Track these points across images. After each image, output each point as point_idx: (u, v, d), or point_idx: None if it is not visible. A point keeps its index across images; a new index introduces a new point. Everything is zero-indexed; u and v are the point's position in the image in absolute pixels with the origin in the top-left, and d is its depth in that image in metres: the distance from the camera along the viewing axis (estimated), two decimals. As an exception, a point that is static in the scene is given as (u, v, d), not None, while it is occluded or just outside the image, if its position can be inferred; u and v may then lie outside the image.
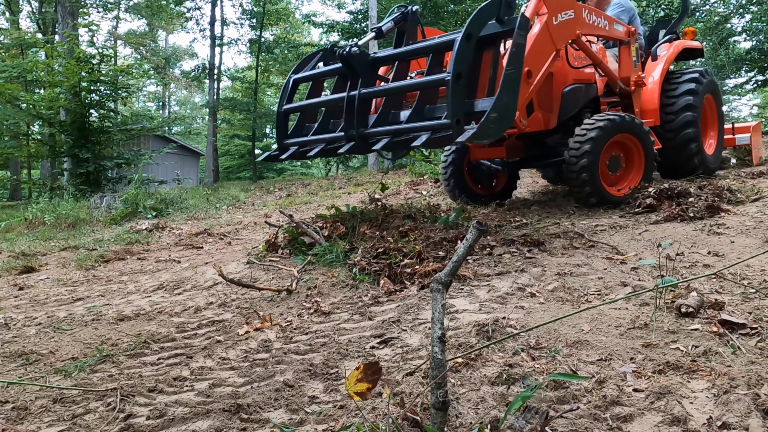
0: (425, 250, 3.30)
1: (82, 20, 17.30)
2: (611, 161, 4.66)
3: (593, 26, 4.63)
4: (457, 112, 3.40)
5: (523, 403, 1.43)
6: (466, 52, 3.49)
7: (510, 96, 3.55)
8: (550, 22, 4.13)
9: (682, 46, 5.99)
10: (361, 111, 3.91)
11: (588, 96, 5.19)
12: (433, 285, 1.54)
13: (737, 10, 18.04)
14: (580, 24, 4.44)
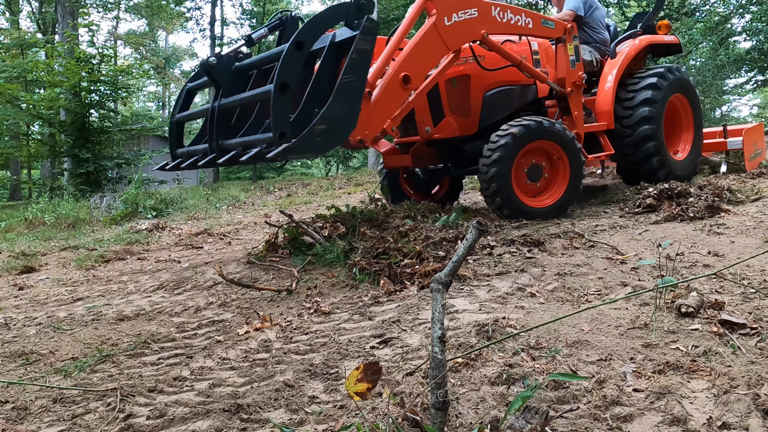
0: (425, 250, 3.30)
1: (82, 20, 17.29)
2: (531, 170, 4.38)
3: (508, 25, 4.36)
4: (281, 125, 3.21)
5: (523, 403, 1.43)
6: (293, 62, 3.31)
7: (347, 106, 3.35)
8: (440, 23, 3.94)
9: (647, 42, 5.55)
10: (220, 122, 3.78)
11: (524, 98, 4.90)
12: (433, 285, 1.54)
13: (737, 10, 18.05)
14: (487, 23, 4.20)
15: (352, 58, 3.36)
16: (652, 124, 5.05)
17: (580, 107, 4.89)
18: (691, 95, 5.61)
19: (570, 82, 4.79)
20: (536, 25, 4.55)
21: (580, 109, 4.90)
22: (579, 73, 4.83)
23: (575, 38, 4.82)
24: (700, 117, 5.72)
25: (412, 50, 3.86)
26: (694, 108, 5.66)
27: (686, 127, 5.68)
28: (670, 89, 5.30)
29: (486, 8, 4.22)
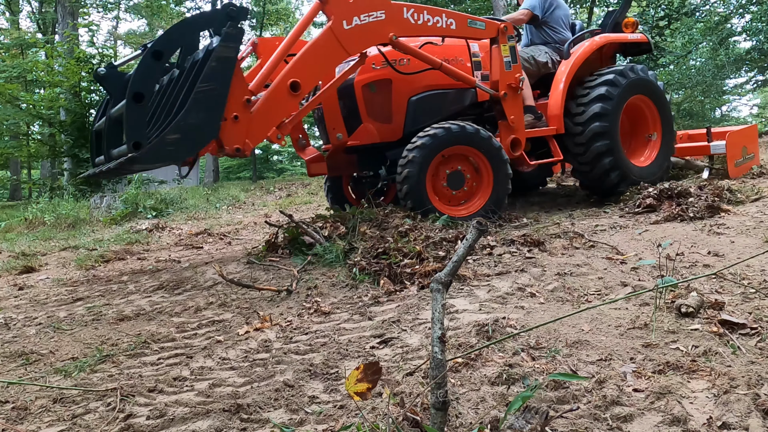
0: (425, 250, 3.30)
1: (82, 20, 17.30)
2: (452, 176, 4.24)
3: (425, 26, 4.17)
4: (135, 135, 3.16)
5: (523, 403, 1.43)
6: (149, 72, 3.27)
7: (204, 114, 3.30)
8: (337, 27, 3.83)
9: (604, 41, 5.24)
10: (110, 131, 3.73)
11: (461, 103, 4.69)
12: (433, 285, 1.54)
13: (737, 10, 18.05)
14: (397, 25, 4.03)
15: (210, 66, 3.31)
16: (604, 122, 4.80)
17: (517, 111, 4.62)
18: (657, 98, 5.28)
19: (504, 84, 4.53)
20: (461, 26, 4.34)
21: (519, 113, 4.64)
22: (516, 75, 4.57)
23: (511, 38, 4.56)
24: (669, 121, 5.36)
25: (303, 56, 3.78)
26: (662, 111, 5.31)
27: (658, 136, 5.37)
28: (630, 89, 5.01)
29: (396, 10, 4.05)
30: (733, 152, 5.62)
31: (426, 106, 4.55)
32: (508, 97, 4.55)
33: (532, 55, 5.18)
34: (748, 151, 5.80)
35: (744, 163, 5.72)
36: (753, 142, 5.96)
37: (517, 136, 4.62)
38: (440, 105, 4.60)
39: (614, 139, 4.84)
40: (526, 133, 4.73)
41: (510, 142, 4.59)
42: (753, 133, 6.07)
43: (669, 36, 16.20)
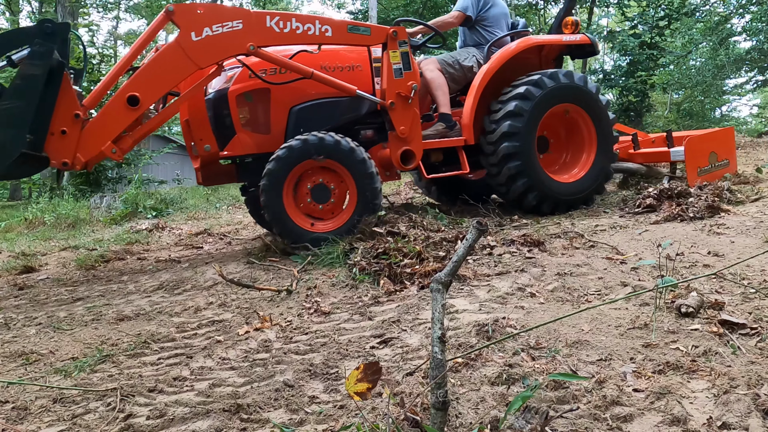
0: (425, 250, 3.30)
1: (82, 20, 17.30)
2: (316, 189, 4.03)
3: (293, 35, 3.99)
4: None
5: (523, 403, 1.43)
6: None
7: (6, 131, 3.34)
8: (184, 39, 3.74)
9: (528, 44, 4.82)
10: None
11: (356, 111, 4.43)
12: (433, 285, 1.54)
13: (737, 10, 18.05)
14: (259, 35, 3.89)
15: (14, 83, 3.34)
16: (515, 141, 4.46)
17: (408, 121, 4.30)
18: (590, 106, 4.79)
19: (392, 93, 4.23)
20: (339, 33, 4.10)
21: (411, 123, 4.32)
22: (408, 83, 4.24)
23: (403, 44, 4.26)
24: (607, 130, 4.87)
25: (145, 69, 3.74)
26: (597, 121, 4.82)
27: (588, 144, 4.89)
28: (550, 100, 4.61)
29: (256, 19, 3.90)
30: (695, 159, 5.08)
31: (311, 115, 4.33)
32: (396, 106, 4.26)
33: (458, 59, 4.90)
34: (718, 157, 5.21)
35: (713, 171, 5.11)
36: (726, 147, 5.33)
37: (411, 147, 4.33)
38: (330, 114, 4.36)
39: (528, 158, 4.51)
40: (427, 144, 4.51)
41: (401, 155, 4.32)
42: (726, 137, 5.45)
43: (669, 36, 16.20)
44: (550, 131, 4.95)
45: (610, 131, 4.92)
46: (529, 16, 20.66)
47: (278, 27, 3.95)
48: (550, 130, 4.95)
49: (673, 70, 20.42)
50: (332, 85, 4.18)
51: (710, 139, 5.38)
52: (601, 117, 4.84)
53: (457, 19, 4.95)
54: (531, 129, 4.56)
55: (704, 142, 5.27)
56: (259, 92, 4.28)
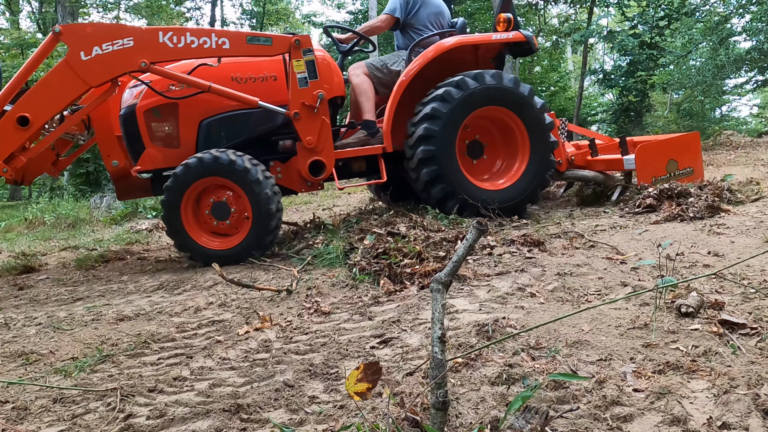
0: (425, 250, 3.30)
1: (82, 20, 17.29)
2: (217, 207, 4.02)
3: (188, 49, 4.00)
4: None
5: (523, 403, 1.43)
6: None
7: None
8: (73, 58, 3.80)
9: (445, 47, 4.52)
10: None
11: (271, 122, 4.37)
12: (433, 285, 1.54)
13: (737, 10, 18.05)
14: (151, 51, 3.93)
15: None
16: (431, 145, 4.31)
17: (315, 131, 4.23)
18: (521, 109, 4.55)
19: (297, 103, 4.16)
20: (237, 45, 4.07)
21: (318, 133, 4.24)
22: (314, 92, 4.16)
23: (308, 52, 4.17)
24: (542, 135, 4.60)
25: (34, 89, 3.81)
26: (529, 125, 4.57)
27: (521, 149, 4.65)
28: (472, 103, 4.41)
29: (148, 35, 3.93)
30: (648, 167, 4.79)
31: (221, 128, 4.33)
32: (301, 116, 4.19)
33: (386, 63, 4.78)
34: (679, 165, 4.86)
35: (671, 180, 4.76)
36: (688, 154, 4.94)
37: (320, 157, 4.29)
38: (241, 126, 4.35)
39: (445, 164, 4.34)
40: (341, 153, 4.47)
41: (309, 165, 4.28)
42: (688, 143, 5.05)
43: (669, 36, 16.20)
44: (484, 135, 4.74)
45: (546, 136, 4.63)
46: (528, 16, 20.67)
47: (172, 42, 3.97)
48: (485, 135, 4.74)
49: (673, 70, 20.42)
50: (231, 97, 4.16)
51: (668, 145, 5.04)
52: (534, 121, 4.58)
53: (384, 22, 4.82)
54: (450, 132, 4.36)
55: (660, 149, 4.96)
56: (167, 107, 4.31)
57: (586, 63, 15.46)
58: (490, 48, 4.93)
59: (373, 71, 4.74)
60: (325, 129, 4.28)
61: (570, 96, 21.63)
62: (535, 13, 19.72)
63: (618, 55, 16.88)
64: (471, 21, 18.19)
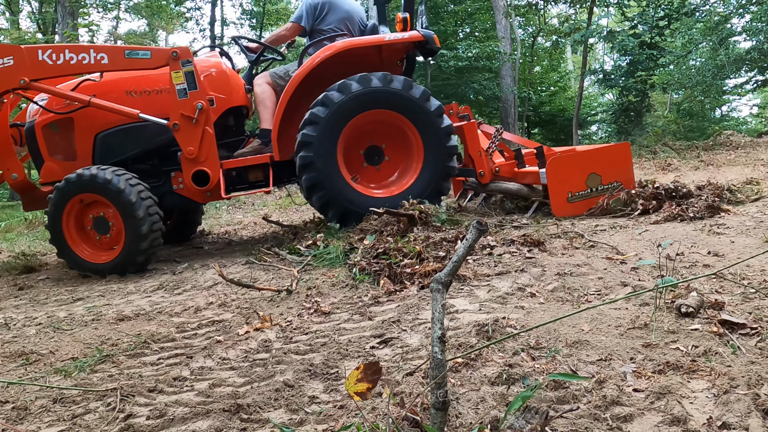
0: (425, 250, 3.30)
1: (82, 20, 17.28)
2: (98, 221, 4.15)
3: (67, 65, 4.11)
4: None
5: (523, 403, 1.43)
6: None
7: None
8: None
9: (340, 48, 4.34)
10: None
11: (166, 134, 4.36)
12: (433, 285, 1.54)
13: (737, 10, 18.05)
14: (31, 69, 4.07)
15: None
16: (309, 152, 4.17)
17: (196, 141, 4.25)
18: (412, 112, 4.30)
19: (176, 114, 4.20)
20: (116, 59, 4.17)
21: (199, 143, 4.26)
22: (194, 103, 4.18)
23: (187, 63, 4.19)
24: (437, 139, 4.35)
25: None
26: (422, 128, 4.33)
27: (416, 155, 4.41)
28: (357, 106, 4.23)
29: (28, 54, 4.06)
30: (562, 182, 4.39)
31: (116, 141, 4.44)
32: (180, 127, 4.22)
33: (288, 71, 4.67)
34: (603, 179, 4.42)
35: (593, 196, 4.40)
36: (616, 167, 4.47)
37: (204, 168, 4.31)
38: (137, 139, 4.45)
39: (323, 170, 4.19)
40: (229, 163, 4.47)
41: (193, 175, 4.32)
42: (615, 155, 4.56)
43: (669, 36, 16.19)
44: (383, 140, 4.53)
45: (442, 140, 4.36)
46: (528, 16, 20.67)
47: (51, 59, 4.09)
48: (385, 139, 4.53)
49: (673, 70, 20.41)
50: (110, 110, 4.26)
51: (587, 157, 4.56)
52: (427, 125, 4.34)
53: (289, 30, 4.78)
54: (329, 138, 4.20)
55: (576, 162, 4.51)
56: (64, 122, 4.47)
57: (586, 63, 15.46)
58: (393, 50, 4.73)
59: (276, 80, 4.66)
60: (207, 139, 4.30)
61: (570, 96, 21.63)
62: (535, 13, 19.72)
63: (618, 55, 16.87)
64: (471, 21, 18.17)
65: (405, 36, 4.49)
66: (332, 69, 4.46)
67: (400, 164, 4.56)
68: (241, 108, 4.76)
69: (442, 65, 16.46)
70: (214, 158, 4.34)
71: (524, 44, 19.31)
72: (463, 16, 18.14)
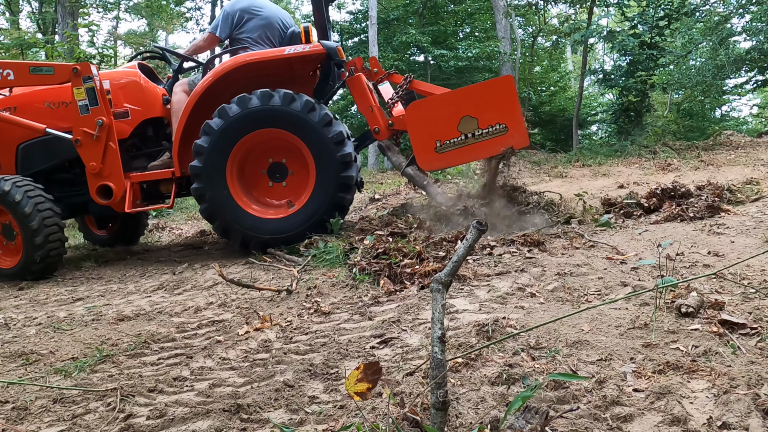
0: (425, 250, 3.30)
1: (82, 20, 17.26)
2: (5, 229, 4.24)
3: None
4: None
5: (523, 403, 1.43)
6: None
7: None
8: None
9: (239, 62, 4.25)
10: None
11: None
12: (433, 285, 1.54)
13: (737, 10, 18.05)
14: None
15: None
16: (200, 183, 4.15)
17: (98, 156, 4.32)
18: (297, 126, 4.11)
19: (78, 130, 4.29)
20: (21, 75, 4.32)
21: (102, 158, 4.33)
22: (94, 119, 4.25)
23: (88, 80, 4.23)
24: (327, 150, 4.11)
25: None
26: (309, 142, 4.13)
27: (310, 170, 4.21)
28: (237, 130, 4.12)
29: None
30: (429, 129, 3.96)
31: (37, 151, 4.54)
32: (82, 143, 4.31)
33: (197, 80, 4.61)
34: (480, 122, 3.90)
35: (469, 143, 3.94)
36: (497, 107, 3.90)
37: (108, 182, 4.39)
38: (56, 149, 4.52)
39: (214, 200, 4.16)
40: (135, 177, 4.49)
41: (96, 190, 4.42)
42: (491, 93, 3.98)
43: (669, 36, 16.19)
44: (285, 156, 4.37)
45: (334, 150, 4.10)
46: (528, 16, 20.67)
47: None
48: (286, 155, 4.37)
49: (673, 70, 20.41)
50: (17, 124, 4.40)
51: (458, 97, 3.96)
52: (314, 138, 4.12)
53: (206, 41, 4.74)
54: (218, 167, 4.14)
55: (443, 104, 3.97)
56: None
57: (586, 63, 15.46)
58: (304, 61, 4.55)
59: (193, 88, 4.53)
60: (110, 154, 4.37)
61: (570, 96, 21.62)
62: (535, 13, 19.72)
63: (618, 55, 16.85)
64: (471, 21, 18.18)
65: (306, 49, 4.33)
66: (240, 81, 4.42)
67: (300, 183, 4.38)
68: (161, 119, 4.74)
69: (442, 65, 16.46)
70: (118, 173, 4.41)
71: (524, 44, 19.30)
72: (463, 16, 18.14)
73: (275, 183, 4.41)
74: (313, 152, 4.15)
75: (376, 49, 14.45)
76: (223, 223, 4.24)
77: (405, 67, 16.51)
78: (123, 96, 4.55)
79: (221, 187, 4.17)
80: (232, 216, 4.18)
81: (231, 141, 4.14)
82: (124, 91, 4.57)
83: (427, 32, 16.45)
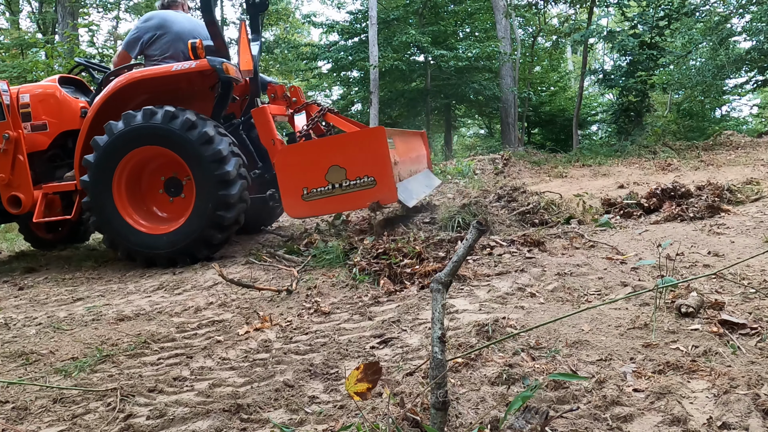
0: (425, 250, 3.30)
1: (82, 20, 17.28)
2: None
3: None
4: None
5: (523, 403, 1.43)
6: None
7: None
8: None
9: (115, 87, 4.32)
10: None
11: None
12: (433, 285, 1.54)
13: (737, 10, 18.05)
14: None
15: None
16: (86, 197, 4.26)
17: (6, 168, 4.49)
18: (177, 145, 4.07)
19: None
20: None
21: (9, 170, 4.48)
22: (2, 133, 4.40)
23: None
24: (206, 169, 4.03)
25: None
26: (189, 160, 4.07)
27: (192, 187, 4.17)
28: (121, 147, 4.15)
29: None
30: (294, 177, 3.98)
31: None
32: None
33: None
34: (348, 173, 3.88)
35: (336, 194, 3.93)
36: (368, 157, 3.84)
37: (16, 193, 4.55)
38: None
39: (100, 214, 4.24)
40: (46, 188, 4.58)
41: (7, 200, 4.58)
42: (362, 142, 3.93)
43: (669, 36, 16.19)
44: (176, 171, 4.38)
45: (211, 169, 4.01)
46: (528, 16, 20.67)
47: None
48: (180, 174, 4.37)
49: (673, 70, 20.42)
50: None
51: (327, 146, 3.97)
52: (193, 155, 4.06)
53: (120, 58, 4.77)
54: (102, 183, 4.20)
55: (311, 152, 3.97)
56: None
57: (586, 63, 15.45)
58: (203, 76, 4.47)
59: None
60: (18, 166, 4.53)
61: (570, 96, 21.61)
62: (535, 13, 19.72)
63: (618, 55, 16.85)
64: (471, 21, 18.17)
65: (192, 66, 4.29)
66: (141, 96, 4.50)
67: (189, 198, 4.32)
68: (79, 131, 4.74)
69: (442, 65, 16.46)
70: (27, 184, 4.56)
71: (524, 44, 19.30)
72: (463, 16, 18.13)
73: (175, 198, 4.45)
74: (192, 170, 4.13)
75: (376, 49, 14.44)
76: (110, 237, 4.34)
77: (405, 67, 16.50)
78: (42, 109, 4.69)
79: (107, 201, 4.24)
80: (116, 231, 4.28)
81: (116, 157, 4.20)
82: (43, 105, 4.71)
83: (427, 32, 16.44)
